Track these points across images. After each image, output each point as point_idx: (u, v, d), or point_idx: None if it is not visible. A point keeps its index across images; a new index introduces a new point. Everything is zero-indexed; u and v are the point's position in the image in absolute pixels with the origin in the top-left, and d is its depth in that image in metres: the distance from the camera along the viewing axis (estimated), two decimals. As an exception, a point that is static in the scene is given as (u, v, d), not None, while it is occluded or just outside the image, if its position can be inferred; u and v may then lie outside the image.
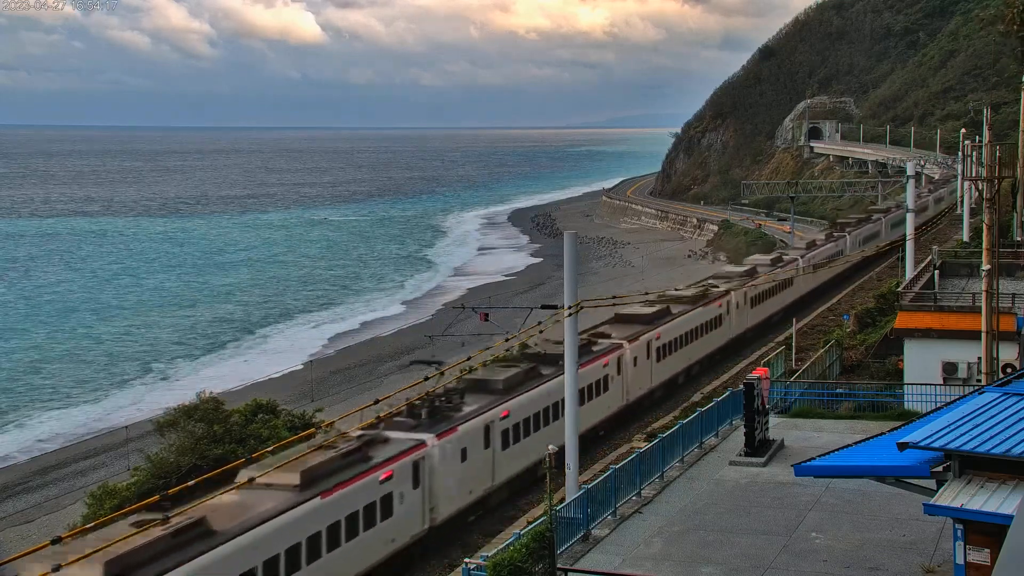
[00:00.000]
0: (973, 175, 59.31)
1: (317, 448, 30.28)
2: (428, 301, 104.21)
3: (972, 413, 18.42)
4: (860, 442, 21.34)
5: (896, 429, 20.56)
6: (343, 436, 32.03)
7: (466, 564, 21.89)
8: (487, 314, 37.09)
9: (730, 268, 73.55)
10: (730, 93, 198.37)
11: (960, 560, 17.38)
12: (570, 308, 28.44)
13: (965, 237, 69.28)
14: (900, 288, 47.68)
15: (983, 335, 33.13)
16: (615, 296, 42.84)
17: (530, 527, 21.90)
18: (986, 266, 33.14)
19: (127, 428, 53.74)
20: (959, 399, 21.07)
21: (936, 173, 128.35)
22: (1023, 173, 57.97)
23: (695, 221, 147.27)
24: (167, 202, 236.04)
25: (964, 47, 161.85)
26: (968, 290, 43.68)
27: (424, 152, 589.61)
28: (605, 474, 25.80)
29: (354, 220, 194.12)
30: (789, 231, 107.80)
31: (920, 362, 39.55)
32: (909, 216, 56.37)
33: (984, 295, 33.14)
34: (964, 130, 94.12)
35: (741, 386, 30.55)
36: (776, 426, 31.82)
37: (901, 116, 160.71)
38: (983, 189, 34.94)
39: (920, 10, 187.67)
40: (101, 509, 32.03)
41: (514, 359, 43.21)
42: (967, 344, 36.88)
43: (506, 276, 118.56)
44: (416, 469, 32.53)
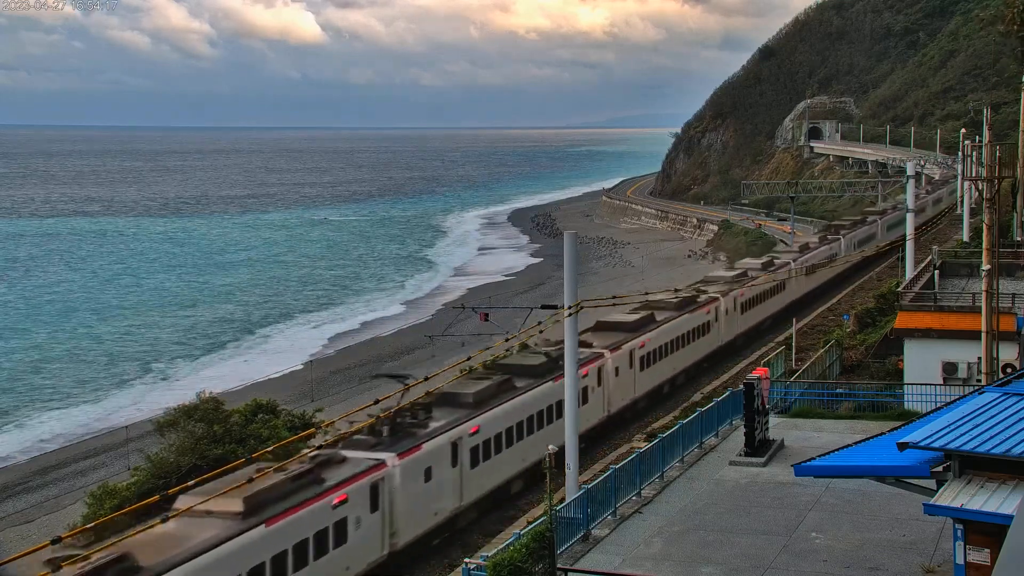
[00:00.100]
0: (973, 175, 59.34)
1: (265, 471, 28.27)
2: (428, 301, 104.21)
3: (972, 413, 18.43)
4: (860, 442, 21.35)
5: (896, 429, 20.57)
6: (299, 456, 30.32)
7: (466, 564, 21.91)
8: (487, 314, 36.62)
9: (719, 272, 71.12)
10: (730, 93, 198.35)
11: (960, 560, 17.39)
12: (570, 308, 28.46)
13: (965, 237, 69.26)
14: (900, 288, 47.69)
15: (983, 335, 33.14)
16: (615, 296, 42.71)
17: (530, 527, 21.91)
18: (986, 266, 33.15)
19: (127, 428, 53.80)
20: (959, 399, 21.07)
21: (936, 173, 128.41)
22: (1023, 173, 57.98)
23: (695, 221, 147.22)
24: (167, 202, 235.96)
25: (964, 47, 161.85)
26: (968, 290, 43.69)
27: (424, 152, 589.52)
28: (605, 474, 25.80)
29: (354, 220, 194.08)
30: (789, 231, 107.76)
31: (920, 362, 39.57)
32: (909, 216, 56.38)
33: (984, 295, 33.16)
34: (964, 130, 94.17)
35: (741, 386, 30.56)
36: (776, 426, 31.83)
37: (901, 116, 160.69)
38: (983, 189, 34.96)
39: (920, 10, 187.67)
40: (101, 509, 32.06)
41: (485, 371, 41.01)
42: (967, 344, 36.89)
43: (506, 276, 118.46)
44: (375, 491, 30.78)
